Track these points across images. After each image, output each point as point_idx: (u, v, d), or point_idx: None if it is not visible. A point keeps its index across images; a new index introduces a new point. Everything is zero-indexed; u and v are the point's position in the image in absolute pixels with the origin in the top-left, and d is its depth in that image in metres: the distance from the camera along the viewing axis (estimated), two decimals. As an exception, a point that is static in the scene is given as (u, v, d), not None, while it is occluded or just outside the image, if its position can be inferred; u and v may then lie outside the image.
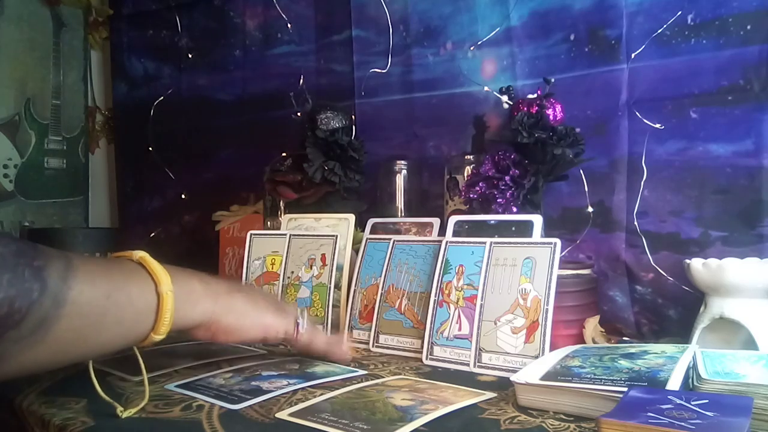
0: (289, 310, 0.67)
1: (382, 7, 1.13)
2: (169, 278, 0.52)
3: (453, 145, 1.07)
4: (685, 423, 0.39)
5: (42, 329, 0.44)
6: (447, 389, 0.59)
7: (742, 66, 0.83)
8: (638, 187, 0.90)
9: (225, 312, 0.58)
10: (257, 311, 0.62)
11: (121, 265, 0.53)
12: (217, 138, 1.38)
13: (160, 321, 0.52)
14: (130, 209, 1.55)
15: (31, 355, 0.44)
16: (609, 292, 0.92)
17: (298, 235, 0.92)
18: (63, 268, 0.45)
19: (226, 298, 0.59)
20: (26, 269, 0.43)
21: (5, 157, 1.42)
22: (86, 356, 0.52)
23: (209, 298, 0.58)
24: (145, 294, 0.51)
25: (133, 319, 0.51)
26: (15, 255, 0.43)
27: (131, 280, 0.51)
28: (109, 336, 0.50)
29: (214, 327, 0.58)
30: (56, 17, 1.51)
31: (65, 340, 0.46)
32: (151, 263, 0.53)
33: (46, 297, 0.43)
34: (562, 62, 0.96)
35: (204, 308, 0.57)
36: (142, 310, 0.51)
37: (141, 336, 0.52)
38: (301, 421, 0.50)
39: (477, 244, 0.75)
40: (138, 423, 0.51)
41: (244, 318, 0.61)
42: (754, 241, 0.82)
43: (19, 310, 0.42)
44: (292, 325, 0.65)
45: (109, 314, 0.48)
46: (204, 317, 0.57)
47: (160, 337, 0.53)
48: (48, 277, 0.44)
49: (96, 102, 1.62)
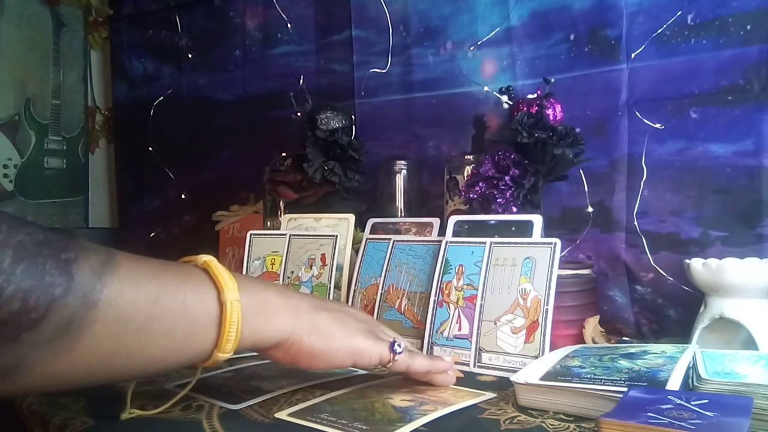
0: (383, 332, 0.57)
1: (382, 7, 1.13)
2: (236, 285, 0.45)
3: (453, 145, 1.07)
4: (685, 423, 0.39)
5: (70, 334, 0.37)
6: (446, 390, 0.59)
7: (742, 66, 0.83)
8: (638, 187, 0.90)
9: (308, 331, 0.50)
10: (346, 333, 0.53)
11: (177, 268, 0.46)
12: (217, 138, 1.38)
13: (224, 335, 0.44)
14: (130, 209, 1.55)
15: (60, 365, 0.38)
16: (609, 292, 0.92)
17: (298, 235, 0.92)
18: (100, 264, 0.39)
19: (309, 315, 0.51)
20: (49, 260, 0.36)
21: (5, 157, 1.42)
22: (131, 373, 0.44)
23: (288, 314, 0.49)
24: (204, 301, 0.44)
25: (188, 331, 0.43)
26: (38, 244, 0.36)
27: (187, 284, 0.44)
28: (157, 350, 0.42)
29: (294, 348, 0.50)
30: (56, 17, 1.51)
31: (102, 351, 0.39)
32: (216, 267, 0.46)
33: (72, 295, 0.37)
34: (562, 62, 0.96)
35: (281, 325, 0.49)
36: (199, 320, 0.44)
37: (201, 353, 0.45)
38: (301, 421, 0.50)
39: (477, 244, 0.75)
40: (138, 423, 0.51)
41: (331, 340, 0.51)
42: (754, 241, 0.82)
43: (36, 308, 0.35)
44: (387, 351, 0.54)
45: (157, 323, 0.41)
46: (281, 336, 0.49)
47: (225, 356, 0.45)
48: (77, 272, 0.37)
49: (96, 102, 1.62)
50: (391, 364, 0.55)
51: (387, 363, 0.54)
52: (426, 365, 0.58)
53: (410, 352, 0.57)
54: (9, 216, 0.36)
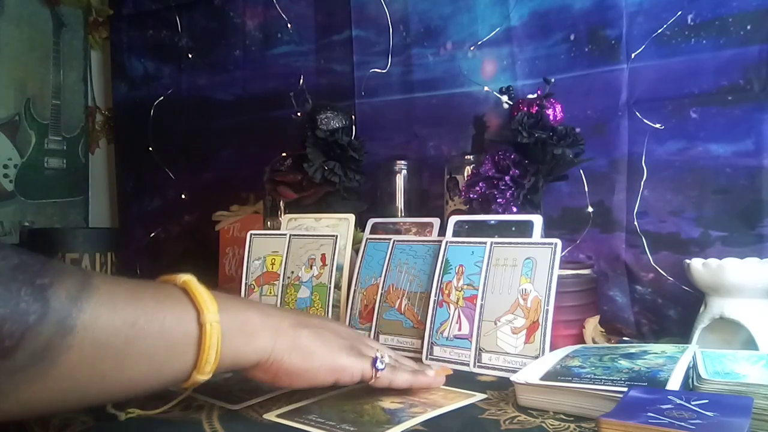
0: (366, 347, 0.56)
1: (382, 7, 1.13)
2: (216, 306, 0.44)
3: (453, 145, 1.07)
4: (685, 423, 0.39)
5: (45, 361, 0.36)
6: (437, 391, 0.59)
7: (742, 66, 0.83)
8: (638, 187, 0.90)
9: (288, 350, 0.49)
10: (328, 350, 0.52)
11: (156, 289, 0.45)
12: (217, 138, 1.38)
13: (203, 357, 0.44)
14: (130, 209, 1.55)
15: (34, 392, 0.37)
16: (609, 292, 0.92)
17: (298, 235, 0.92)
18: (76, 288, 0.38)
19: (289, 334, 0.50)
20: (24, 287, 0.36)
21: (5, 157, 1.42)
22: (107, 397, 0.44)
23: (268, 333, 0.49)
24: (183, 323, 0.43)
25: (167, 354, 0.43)
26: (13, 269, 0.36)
27: (166, 306, 0.43)
28: (136, 373, 0.42)
29: (275, 367, 0.49)
30: (56, 17, 1.51)
31: (78, 376, 0.38)
32: (195, 288, 0.45)
33: (47, 321, 0.36)
34: (562, 62, 0.96)
35: (261, 344, 0.48)
36: (178, 343, 0.43)
37: (179, 375, 0.44)
38: (289, 422, 0.50)
39: (477, 244, 0.75)
40: (138, 423, 0.51)
41: (312, 358, 0.50)
42: (754, 241, 0.82)
43: (10, 336, 0.35)
44: (369, 367, 0.53)
45: (135, 346, 0.40)
46: (261, 355, 0.48)
47: (204, 378, 0.45)
48: (52, 297, 0.37)
49: (96, 102, 1.62)
50: (374, 381, 0.54)
51: (369, 380, 0.54)
52: (408, 381, 0.57)
53: (393, 367, 0.56)
54: None
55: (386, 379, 0.55)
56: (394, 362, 0.57)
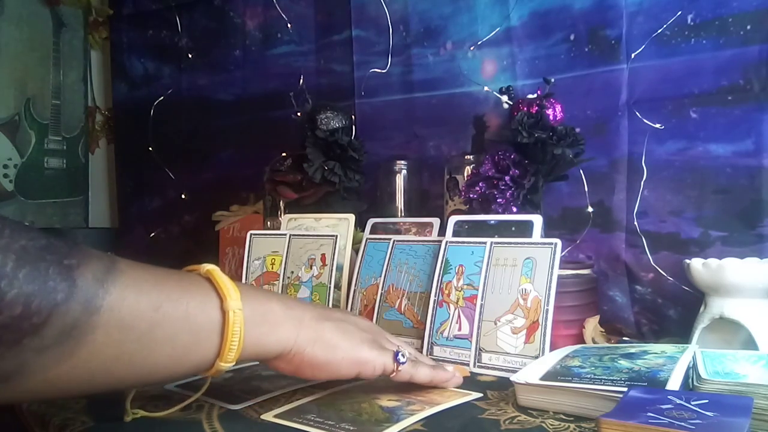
0: (387, 341, 0.57)
1: (382, 7, 1.13)
2: (238, 294, 0.45)
3: (453, 145, 1.07)
4: (685, 423, 0.39)
5: (71, 340, 0.37)
6: (433, 390, 0.58)
7: (742, 66, 0.83)
8: (638, 187, 0.90)
9: (311, 342, 0.50)
10: (350, 344, 0.52)
11: (180, 276, 0.45)
12: (217, 138, 1.38)
13: (226, 345, 0.44)
14: (130, 209, 1.55)
15: (62, 371, 0.38)
16: (609, 292, 0.92)
17: (298, 235, 0.92)
18: (102, 271, 0.39)
19: (311, 326, 0.51)
20: (52, 266, 0.36)
21: (5, 157, 1.42)
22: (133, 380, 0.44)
23: (291, 324, 0.49)
24: (206, 310, 0.44)
25: (190, 340, 0.43)
26: (41, 249, 0.36)
27: (190, 293, 0.44)
28: (161, 358, 0.42)
29: (297, 359, 0.49)
30: (56, 17, 1.51)
31: (104, 357, 0.39)
32: (219, 276, 0.45)
33: (74, 300, 0.37)
34: (562, 62, 0.96)
35: (284, 335, 0.49)
36: (202, 329, 0.43)
37: (203, 362, 0.45)
38: (287, 422, 0.50)
39: (477, 244, 0.75)
40: (138, 423, 0.51)
41: (335, 351, 0.51)
42: (754, 241, 0.82)
43: (38, 313, 0.35)
44: (391, 361, 0.54)
45: (159, 330, 0.41)
46: (284, 346, 0.49)
47: (227, 365, 0.45)
48: (79, 278, 0.37)
49: (96, 102, 1.62)
50: (395, 374, 0.55)
51: (390, 373, 0.54)
52: (428, 376, 0.58)
53: (413, 362, 0.57)
54: (12, 221, 0.37)
55: (407, 373, 0.56)
56: (414, 357, 0.58)
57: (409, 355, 0.56)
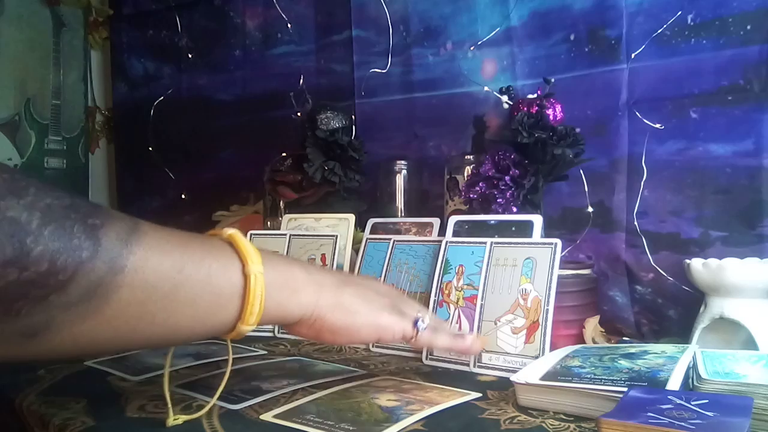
0: (408, 307, 0.57)
1: (382, 7, 1.13)
2: (260, 258, 0.45)
3: (453, 145, 1.07)
4: (685, 423, 0.39)
5: (97, 297, 0.37)
6: (432, 389, 0.59)
7: (742, 66, 0.83)
8: (638, 187, 0.90)
9: (331, 307, 0.50)
10: (370, 309, 0.53)
11: (202, 239, 0.46)
12: (217, 138, 1.38)
13: (247, 308, 0.44)
14: (130, 209, 1.54)
15: (87, 328, 0.38)
16: (609, 292, 0.92)
17: (298, 235, 0.92)
18: (125, 231, 0.39)
19: (332, 291, 0.51)
20: (76, 224, 0.36)
21: (5, 157, 1.41)
22: (156, 339, 0.44)
23: (312, 289, 0.50)
24: (228, 273, 0.44)
25: (212, 302, 0.43)
26: (66, 208, 0.37)
27: (212, 255, 0.44)
28: (182, 318, 0.42)
29: (318, 324, 0.50)
30: (56, 17, 1.51)
31: (127, 316, 0.39)
32: (240, 240, 0.46)
33: (99, 259, 0.37)
34: (562, 62, 0.96)
35: (305, 300, 0.49)
36: (223, 292, 0.44)
37: (225, 324, 0.45)
38: (287, 422, 0.49)
39: (477, 244, 0.75)
40: (138, 423, 0.51)
41: (355, 316, 0.52)
42: (754, 241, 0.82)
43: (64, 269, 0.36)
44: (411, 327, 0.55)
45: (182, 291, 0.41)
46: (305, 311, 0.49)
47: (248, 328, 0.45)
48: (103, 237, 0.37)
49: (96, 102, 1.62)
50: (414, 340, 0.55)
51: (410, 339, 0.55)
52: (448, 343, 0.59)
53: (433, 328, 0.57)
54: (37, 180, 0.37)
55: (426, 340, 0.56)
56: (435, 324, 0.58)
57: (429, 322, 0.56)
